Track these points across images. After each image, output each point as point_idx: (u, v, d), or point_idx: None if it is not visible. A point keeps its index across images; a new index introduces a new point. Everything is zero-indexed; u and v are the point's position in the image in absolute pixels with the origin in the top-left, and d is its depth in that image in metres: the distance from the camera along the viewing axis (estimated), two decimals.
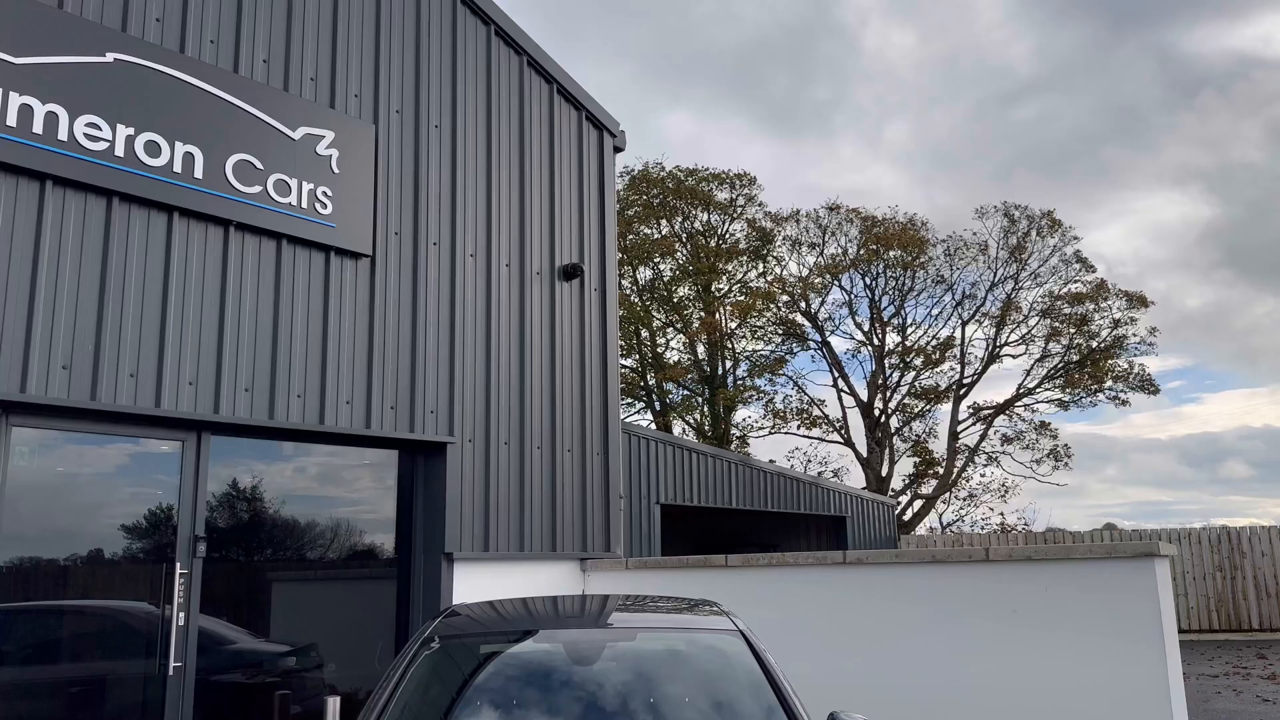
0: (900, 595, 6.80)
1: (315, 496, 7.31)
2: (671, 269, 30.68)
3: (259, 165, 6.81)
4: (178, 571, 6.20)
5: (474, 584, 7.53)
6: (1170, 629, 5.71)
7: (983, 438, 29.28)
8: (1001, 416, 29.12)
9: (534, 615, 4.35)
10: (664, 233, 30.11)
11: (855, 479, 29.03)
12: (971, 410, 29.34)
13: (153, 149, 6.25)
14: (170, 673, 6.06)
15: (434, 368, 7.76)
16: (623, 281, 28.76)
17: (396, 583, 7.63)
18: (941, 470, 29.21)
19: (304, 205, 7.01)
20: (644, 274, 30.57)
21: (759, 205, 30.40)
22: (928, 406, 29.77)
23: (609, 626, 4.15)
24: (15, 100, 5.72)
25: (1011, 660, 6.19)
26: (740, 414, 31.58)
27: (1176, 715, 5.58)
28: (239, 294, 6.66)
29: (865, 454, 29.30)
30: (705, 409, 31.32)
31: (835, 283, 29.34)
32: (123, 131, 6.12)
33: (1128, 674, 5.70)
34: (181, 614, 6.16)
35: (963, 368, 29.03)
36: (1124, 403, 27.99)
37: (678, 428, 30.75)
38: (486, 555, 7.85)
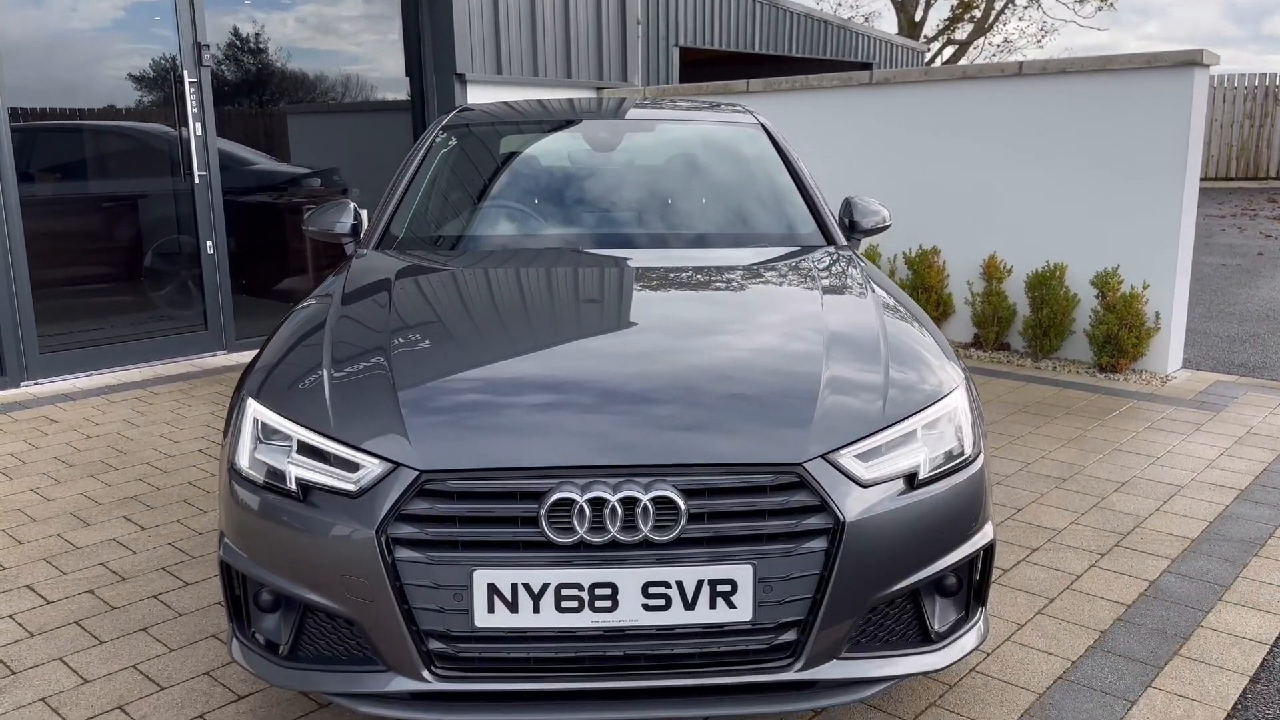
0: (927, 115, 6.66)
1: (322, 52, 7.01)
2: None
3: None
4: (187, 80, 6.06)
5: None
6: (1195, 150, 5.61)
7: None
8: None
9: (550, 110, 4.26)
10: None
11: (888, 26, 27.53)
12: None
13: None
14: (197, 182, 6.18)
15: None
16: None
17: (411, 109, 7.52)
18: (980, 12, 27.58)
19: None
20: None
21: None
22: None
23: (628, 118, 4.08)
24: None
25: (1032, 177, 6.20)
26: None
27: (1184, 237, 5.67)
28: None
29: None
30: None
31: None
32: None
33: (1144, 195, 5.71)
34: (198, 125, 6.12)
35: None
36: None
37: None
38: (499, 79, 7.64)
